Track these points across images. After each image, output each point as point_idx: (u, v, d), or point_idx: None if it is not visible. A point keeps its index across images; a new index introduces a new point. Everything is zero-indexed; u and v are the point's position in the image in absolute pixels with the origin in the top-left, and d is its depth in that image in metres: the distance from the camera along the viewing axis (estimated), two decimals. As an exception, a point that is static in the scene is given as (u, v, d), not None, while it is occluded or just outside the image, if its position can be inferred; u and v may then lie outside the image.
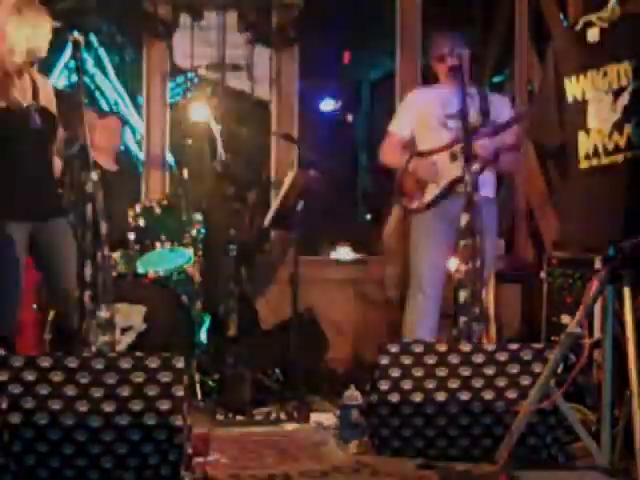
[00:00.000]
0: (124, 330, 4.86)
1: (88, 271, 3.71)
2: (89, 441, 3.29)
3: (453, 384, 3.73)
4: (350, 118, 8.71)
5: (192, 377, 4.80)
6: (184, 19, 6.10)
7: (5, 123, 3.92)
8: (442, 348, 3.79)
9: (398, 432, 3.72)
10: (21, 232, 4.00)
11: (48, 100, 4.11)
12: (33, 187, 4.02)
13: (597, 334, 3.93)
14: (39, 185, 4.05)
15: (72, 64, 7.92)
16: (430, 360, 3.76)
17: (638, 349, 3.35)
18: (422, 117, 4.90)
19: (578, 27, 4.33)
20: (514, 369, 3.73)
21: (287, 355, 5.06)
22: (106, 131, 5.53)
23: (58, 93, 4.28)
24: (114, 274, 4.90)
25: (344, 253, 6.37)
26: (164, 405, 3.32)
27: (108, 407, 3.31)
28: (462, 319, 4.10)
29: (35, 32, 3.93)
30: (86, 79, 8.83)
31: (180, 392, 3.35)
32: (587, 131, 4.27)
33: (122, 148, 6.72)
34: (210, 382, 5.01)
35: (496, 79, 6.87)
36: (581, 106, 4.29)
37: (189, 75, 7.36)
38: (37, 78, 4.10)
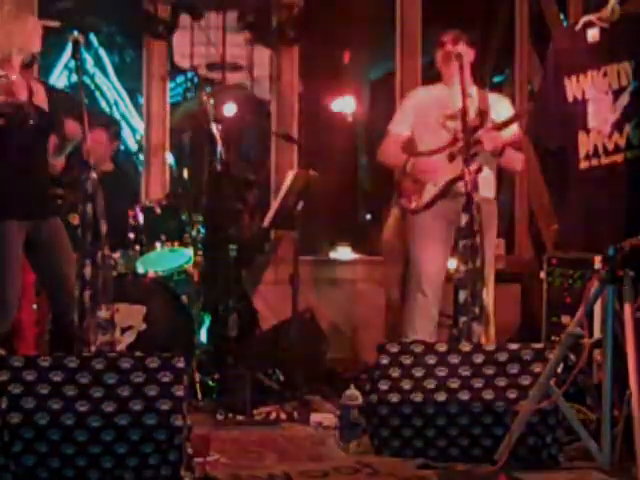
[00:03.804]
0: (124, 330, 4.86)
1: (88, 271, 3.71)
2: (89, 441, 3.29)
3: (453, 384, 3.72)
4: (350, 118, 8.71)
5: (192, 377, 4.80)
6: (184, 19, 6.11)
7: (2, 119, 3.91)
8: (442, 348, 3.79)
9: (398, 432, 3.72)
10: (19, 230, 4.00)
11: (42, 102, 4.09)
12: (30, 185, 4.01)
13: (597, 334, 3.93)
14: (36, 183, 4.05)
15: (72, 64, 7.92)
16: (430, 360, 3.76)
17: (638, 349, 3.36)
18: (421, 117, 4.90)
19: (578, 27, 4.34)
20: (514, 369, 3.73)
21: (287, 355, 5.07)
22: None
23: (58, 94, 4.28)
24: (114, 274, 4.90)
25: (344, 253, 6.37)
26: (164, 405, 3.32)
27: (108, 407, 3.31)
28: (462, 319, 4.11)
29: (18, 28, 3.94)
30: (86, 79, 8.82)
31: (180, 392, 3.35)
32: (587, 131, 4.28)
33: (122, 148, 6.73)
34: (210, 382, 5.01)
35: (496, 79, 6.87)
36: (581, 106, 4.29)
37: (189, 75, 7.37)
38: (32, 81, 4.09)
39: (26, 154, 4.00)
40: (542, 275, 5.20)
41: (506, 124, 4.73)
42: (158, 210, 5.24)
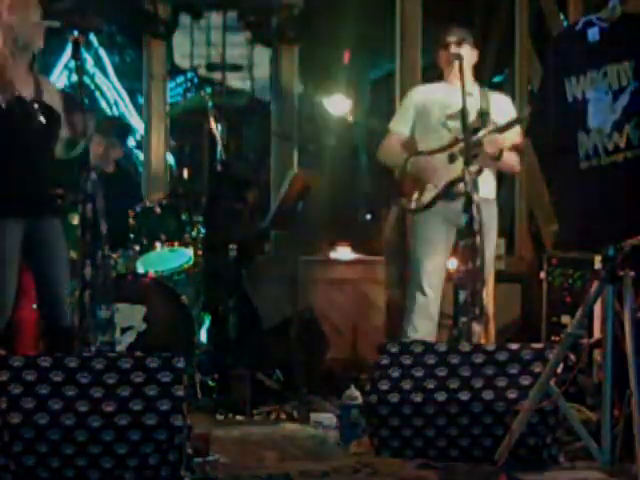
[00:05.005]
0: (124, 330, 4.86)
1: (88, 271, 3.71)
2: (89, 441, 3.29)
3: (453, 384, 3.72)
4: (350, 118, 8.71)
5: (192, 377, 4.80)
6: (184, 19, 6.11)
7: (8, 117, 3.89)
8: (442, 348, 3.79)
9: (398, 432, 3.72)
10: (17, 229, 3.99)
11: (52, 100, 4.08)
12: (32, 184, 4.00)
13: (597, 334, 3.93)
14: (38, 182, 4.03)
15: (72, 64, 7.91)
16: (430, 360, 3.76)
17: (638, 349, 3.35)
18: (422, 117, 4.90)
19: (578, 27, 4.33)
20: (514, 369, 3.73)
21: (287, 355, 5.07)
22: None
23: (62, 94, 4.27)
24: (114, 274, 4.90)
25: (344, 253, 6.37)
26: (164, 405, 3.32)
27: (108, 407, 3.31)
28: (462, 319, 4.11)
29: (23, 18, 3.90)
30: (86, 79, 8.81)
31: (180, 392, 3.35)
32: (587, 131, 4.27)
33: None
34: (210, 382, 5.01)
35: (496, 79, 6.87)
36: (581, 106, 4.28)
37: (189, 75, 7.37)
38: (40, 77, 4.08)
39: (30, 153, 3.98)
40: (542, 275, 5.20)
41: (507, 127, 4.73)
42: (158, 210, 5.24)
